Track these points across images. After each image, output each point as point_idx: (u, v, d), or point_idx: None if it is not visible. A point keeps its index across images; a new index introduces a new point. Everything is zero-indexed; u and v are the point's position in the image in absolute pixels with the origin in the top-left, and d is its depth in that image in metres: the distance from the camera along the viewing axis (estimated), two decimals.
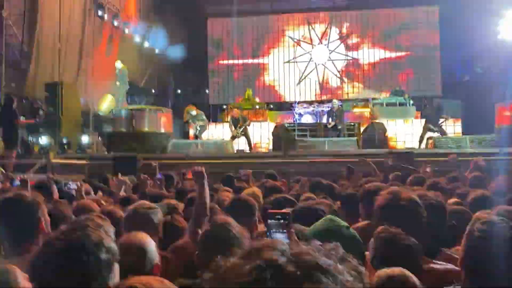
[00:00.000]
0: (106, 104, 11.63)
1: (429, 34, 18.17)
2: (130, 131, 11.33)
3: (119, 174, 5.06)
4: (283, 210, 2.00)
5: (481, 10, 14.37)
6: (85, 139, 11.38)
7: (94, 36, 13.40)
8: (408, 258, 1.71)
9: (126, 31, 14.90)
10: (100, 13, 13.37)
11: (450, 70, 17.86)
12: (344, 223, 1.96)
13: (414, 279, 1.53)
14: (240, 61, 19.34)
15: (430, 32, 18.18)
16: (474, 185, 4.59)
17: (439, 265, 1.97)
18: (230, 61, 19.39)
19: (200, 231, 2.31)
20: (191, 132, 13.68)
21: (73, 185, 4.24)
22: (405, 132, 14.16)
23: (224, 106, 17.12)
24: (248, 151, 12.57)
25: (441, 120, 12.04)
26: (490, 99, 13.57)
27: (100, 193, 4.82)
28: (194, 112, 12.72)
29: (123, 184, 4.60)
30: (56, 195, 3.73)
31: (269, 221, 1.70)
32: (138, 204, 2.62)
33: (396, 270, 1.55)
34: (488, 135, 11.44)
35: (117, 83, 12.35)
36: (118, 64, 12.23)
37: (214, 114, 18.63)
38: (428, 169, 6.53)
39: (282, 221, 1.67)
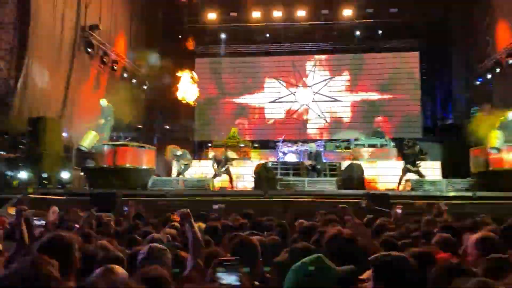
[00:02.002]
0: (89, 140, 11.67)
1: (410, 78, 18.81)
2: (111, 167, 11.37)
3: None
4: (233, 257, 2.08)
5: (459, 60, 14.99)
6: (65, 174, 11.38)
7: (82, 72, 13.63)
8: None
9: (115, 67, 15.19)
10: (89, 50, 13.67)
11: (431, 113, 18.38)
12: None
13: None
14: (227, 100, 19.72)
15: (411, 76, 18.83)
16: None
17: None
18: (217, 99, 19.76)
19: (201, 263, 2.85)
20: (174, 169, 13.75)
21: (40, 221, 4.29)
22: (385, 173, 14.39)
23: (209, 144, 17.29)
24: (230, 188, 12.64)
25: (419, 162, 12.28)
26: (469, 143, 13.91)
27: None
28: (179, 152, 12.83)
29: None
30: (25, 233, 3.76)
31: (218, 267, 1.82)
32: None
33: None
34: (464, 179, 11.68)
35: (102, 120, 12.48)
36: (103, 102, 12.39)
37: (199, 151, 18.79)
38: (398, 211, 6.67)
39: (231, 266, 1.80)
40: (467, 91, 16.87)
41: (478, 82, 15.92)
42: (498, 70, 14.36)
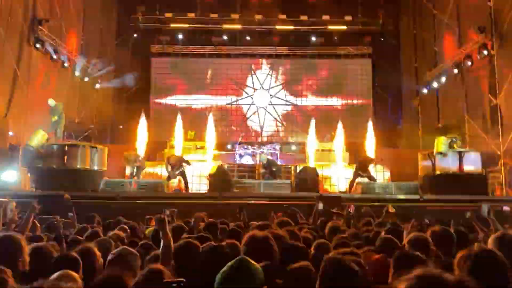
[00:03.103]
0: (37, 139, 11.17)
1: (363, 84, 19.41)
2: (61, 168, 10.93)
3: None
4: (179, 279, 2.16)
5: (408, 68, 15.61)
6: (10, 175, 10.81)
7: (31, 69, 13.03)
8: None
9: (66, 65, 14.64)
10: (38, 45, 13.09)
11: (382, 119, 19.01)
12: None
13: None
14: (184, 101, 19.52)
15: (364, 82, 19.43)
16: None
17: None
18: (174, 100, 19.51)
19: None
20: (128, 170, 13.44)
21: None
22: (337, 176, 14.75)
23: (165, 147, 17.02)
24: (184, 191, 12.50)
25: (370, 165, 12.68)
26: (417, 148, 14.54)
27: None
28: (132, 157, 12.60)
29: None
30: None
31: None
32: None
33: None
34: (412, 182, 12.17)
35: (53, 118, 12.03)
36: (51, 102, 11.92)
37: (154, 152, 18.45)
38: (352, 208, 6.87)
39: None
40: (416, 99, 17.62)
41: (425, 91, 16.64)
42: (444, 79, 15.07)
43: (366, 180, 12.48)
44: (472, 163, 11.58)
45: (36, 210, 4.02)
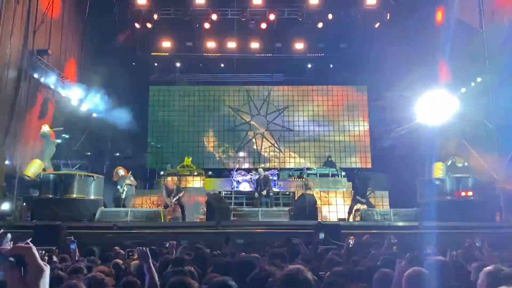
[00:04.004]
0: (33, 169, 11.12)
1: (359, 111, 19.55)
2: (56, 197, 10.85)
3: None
4: None
5: (401, 95, 15.74)
6: (6, 205, 10.70)
7: (28, 98, 13.07)
8: None
9: (63, 94, 14.70)
10: (36, 75, 13.17)
11: (378, 145, 19.06)
12: None
13: None
14: (181, 128, 19.57)
15: (361, 108, 19.59)
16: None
17: None
18: (171, 127, 19.57)
19: None
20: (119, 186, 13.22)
21: None
22: (336, 203, 14.69)
23: (162, 172, 16.98)
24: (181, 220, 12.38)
25: (368, 192, 12.64)
26: (415, 174, 14.47)
27: None
28: (121, 172, 12.46)
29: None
30: None
31: None
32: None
33: None
34: (411, 208, 12.10)
35: (50, 145, 12.04)
36: (45, 128, 11.95)
37: (151, 179, 18.41)
38: (351, 242, 6.81)
39: None
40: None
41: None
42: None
43: (365, 206, 12.43)
44: (470, 189, 11.56)
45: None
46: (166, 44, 19.21)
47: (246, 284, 2.62)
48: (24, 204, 11.68)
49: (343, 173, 15.98)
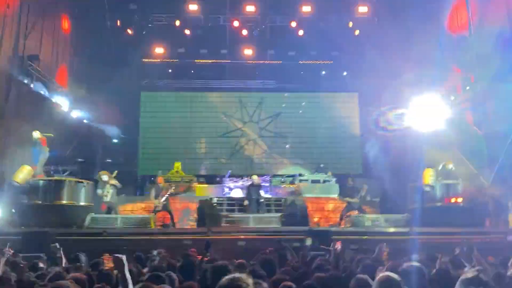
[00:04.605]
0: (22, 175, 11.03)
1: (350, 117, 19.66)
2: (46, 204, 10.75)
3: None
4: None
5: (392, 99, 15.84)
6: None
7: (19, 103, 13.00)
8: None
9: (54, 100, 14.65)
10: (26, 81, 13.11)
11: (369, 150, 19.13)
12: None
13: None
14: (172, 134, 19.52)
15: (351, 114, 19.70)
16: None
17: None
18: (162, 133, 19.51)
19: None
20: (99, 191, 12.93)
21: None
22: (328, 208, 14.71)
23: (153, 179, 16.90)
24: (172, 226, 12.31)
25: (361, 192, 12.62)
26: (407, 180, 14.53)
27: None
28: (105, 177, 12.24)
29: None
30: None
31: None
32: None
33: None
34: (401, 214, 12.13)
35: (43, 151, 11.96)
36: (36, 134, 11.87)
37: (142, 186, 18.31)
38: (338, 246, 6.80)
39: None
40: None
41: None
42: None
43: (355, 212, 12.46)
44: (460, 195, 11.63)
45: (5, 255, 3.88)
46: (159, 50, 19.21)
47: None
48: (13, 210, 11.57)
49: (334, 179, 16.01)
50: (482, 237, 9.55)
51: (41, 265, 5.79)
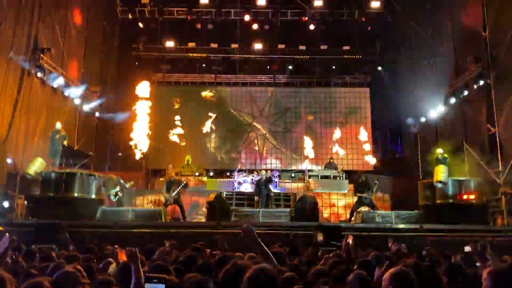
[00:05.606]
0: (35, 167, 11.13)
1: (361, 112, 19.52)
2: (58, 196, 10.84)
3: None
4: (161, 275, 2.50)
5: (405, 92, 15.70)
6: (6, 203, 10.70)
7: (31, 96, 13.10)
8: None
9: (66, 93, 14.74)
10: (39, 74, 13.20)
11: (381, 146, 19.04)
12: None
13: None
14: (182, 128, 19.52)
15: (363, 110, 19.55)
16: None
17: None
18: (172, 127, 19.52)
19: None
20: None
21: None
22: (338, 204, 14.64)
23: (163, 171, 16.97)
24: (182, 220, 12.36)
25: (375, 186, 12.51)
26: (417, 177, 14.41)
27: None
28: (110, 181, 12.43)
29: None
30: None
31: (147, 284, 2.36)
32: None
33: None
34: (412, 211, 12.05)
35: (61, 142, 12.12)
36: (58, 125, 12.05)
37: (152, 179, 18.38)
38: (350, 240, 6.75)
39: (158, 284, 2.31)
40: (415, 127, 17.61)
41: (424, 119, 16.67)
42: (442, 108, 15.12)
43: (366, 208, 12.37)
44: (472, 192, 11.50)
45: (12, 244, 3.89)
46: (169, 43, 19.23)
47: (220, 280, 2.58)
48: (25, 202, 11.70)
49: (345, 175, 15.92)
50: (494, 235, 9.44)
51: (53, 255, 5.84)
